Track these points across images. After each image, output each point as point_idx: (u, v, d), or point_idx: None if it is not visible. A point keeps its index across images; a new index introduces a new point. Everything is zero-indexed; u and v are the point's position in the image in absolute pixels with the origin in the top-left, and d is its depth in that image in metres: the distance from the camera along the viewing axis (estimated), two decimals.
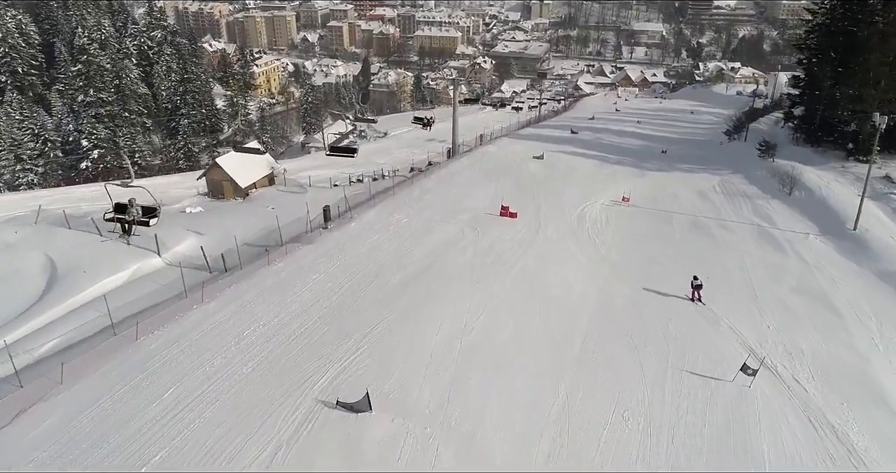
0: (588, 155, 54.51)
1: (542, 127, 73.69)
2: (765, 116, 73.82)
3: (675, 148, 59.67)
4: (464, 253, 27.80)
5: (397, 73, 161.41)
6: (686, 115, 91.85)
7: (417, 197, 37.46)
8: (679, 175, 48.34)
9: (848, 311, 24.74)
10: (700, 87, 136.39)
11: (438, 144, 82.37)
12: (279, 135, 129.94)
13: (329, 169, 72.07)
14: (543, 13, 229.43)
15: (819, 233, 33.80)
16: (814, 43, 55.86)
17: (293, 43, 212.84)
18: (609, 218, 35.22)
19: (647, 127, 75.49)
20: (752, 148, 53.48)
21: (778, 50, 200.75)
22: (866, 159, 45.50)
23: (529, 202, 36.91)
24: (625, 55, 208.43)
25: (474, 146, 57.79)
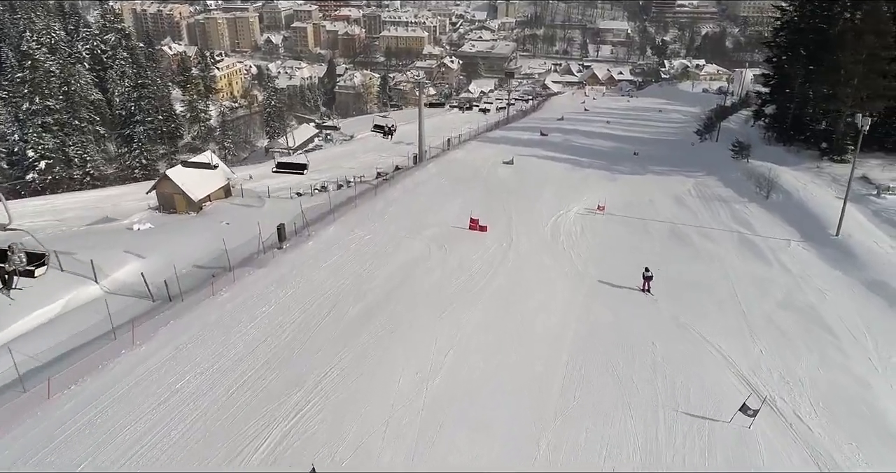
0: (559, 158, 52.59)
1: (510, 128, 71.67)
2: (734, 114, 73.04)
3: (646, 149, 58.16)
4: (430, 275, 25.45)
5: (363, 74, 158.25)
6: (655, 114, 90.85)
7: (381, 210, 34.96)
8: (653, 178, 46.69)
9: (840, 328, 23.06)
10: (666, 85, 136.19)
11: (406, 147, 79.74)
12: (242, 140, 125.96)
13: (292, 176, 69.13)
14: (510, 12, 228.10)
15: (801, 239, 32.28)
16: (783, 40, 54.83)
17: (256, 45, 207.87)
18: (584, 228, 33.21)
19: (616, 127, 74.03)
20: (725, 148, 52.17)
21: (740, 47, 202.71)
22: (841, 158, 44.58)
23: (500, 213, 34.71)
24: (591, 53, 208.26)
25: (442, 151, 55.45)
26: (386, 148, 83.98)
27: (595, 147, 59.08)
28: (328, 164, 76.20)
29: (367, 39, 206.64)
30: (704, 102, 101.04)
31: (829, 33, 49.11)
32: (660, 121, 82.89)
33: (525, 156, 52.06)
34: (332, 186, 59.69)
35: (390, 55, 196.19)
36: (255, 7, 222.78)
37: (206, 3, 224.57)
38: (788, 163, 45.04)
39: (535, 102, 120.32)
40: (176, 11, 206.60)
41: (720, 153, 51.45)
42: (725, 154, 50.02)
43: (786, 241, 32.14)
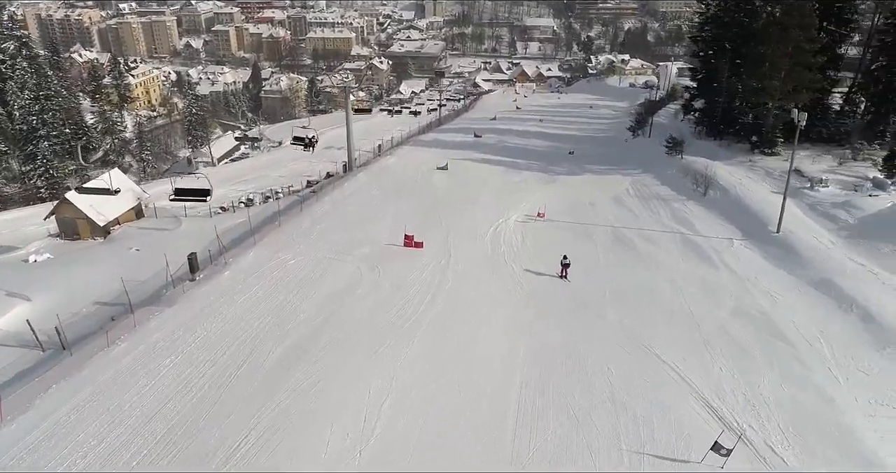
0: (495, 161, 50.80)
1: (443, 131, 69.56)
2: (662, 108, 73.45)
3: (581, 147, 57.21)
4: (362, 304, 22.89)
5: (290, 77, 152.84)
6: (586, 110, 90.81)
7: (307, 228, 32.05)
8: (590, 178, 45.53)
9: (795, 335, 21.97)
10: (594, 81, 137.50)
11: (336, 152, 76.63)
12: (162, 151, 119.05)
13: (217, 188, 64.60)
14: (437, 11, 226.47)
15: (742, 237, 31.48)
16: (708, 35, 54.83)
17: (176, 50, 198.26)
18: (525, 237, 31.35)
19: (549, 125, 73.10)
20: (658, 144, 51.70)
21: (661, 41, 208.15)
22: (772, 151, 44.59)
23: (436, 225, 32.42)
24: (520, 51, 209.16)
25: (373, 157, 52.76)
26: (316, 154, 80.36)
27: (530, 147, 57.69)
28: (255, 174, 72.47)
29: (292, 42, 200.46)
30: (632, 97, 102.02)
31: (752, 27, 49.31)
32: (591, 117, 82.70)
33: (460, 160, 50.02)
34: (258, 198, 56.13)
35: (318, 57, 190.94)
36: (172, 10, 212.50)
37: (119, 8, 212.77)
38: (721, 157, 44.72)
39: (466, 102, 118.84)
40: (85, 16, 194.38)
41: (654, 149, 50.91)
42: (659, 150, 49.46)
43: (728, 240, 31.26)
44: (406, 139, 62.91)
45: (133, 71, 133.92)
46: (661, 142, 51.41)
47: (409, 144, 59.05)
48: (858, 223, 30.92)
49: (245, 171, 78.38)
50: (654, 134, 57.14)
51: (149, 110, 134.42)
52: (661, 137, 55.21)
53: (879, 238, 29.05)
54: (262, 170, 73.20)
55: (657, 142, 53.04)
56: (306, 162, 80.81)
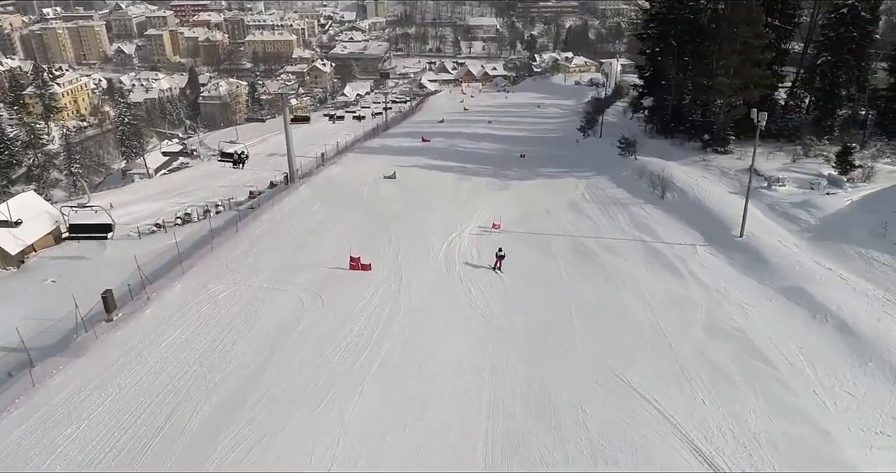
0: (444, 167, 48.51)
1: (389, 135, 66.85)
2: (610, 106, 72.68)
3: (532, 149, 55.51)
4: (303, 345, 20.16)
5: (229, 82, 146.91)
6: (533, 110, 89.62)
7: (244, 252, 28.99)
8: (543, 182, 43.76)
9: (775, 354, 20.40)
10: (540, 79, 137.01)
11: (280, 159, 72.96)
12: (94, 163, 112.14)
13: (154, 202, 60.56)
14: (379, 12, 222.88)
15: (705, 242, 30.09)
16: (654, 32, 53.92)
17: (107, 56, 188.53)
18: (481, 252, 29.09)
19: (498, 126, 71.34)
20: (610, 144, 50.47)
21: (602, 38, 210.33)
22: (724, 150, 43.74)
23: (386, 243, 29.89)
24: (464, 50, 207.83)
25: (316, 167, 49.68)
26: (260, 161, 76.47)
27: (480, 151, 55.65)
28: (196, 185, 68.37)
29: (231, 45, 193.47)
30: (578, 95, 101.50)
31: (697, 24, 48.58)
32: (539, 116, 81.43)
33: (408, 168, 47.56)
34: (196, 213, 52.36)
35: (258, 61, 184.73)
36: (101, 15, 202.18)
37: (43, 13, 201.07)
38: (674, 156, 43.68)
39: (413, 104, 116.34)
40: (6, 22, 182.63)
41: (606, 149, 49.60)
42: (611, 150, 48.17)
43: (691, 247, 29.82)
44: (351, 145, 59.99)
45: (58, 79, 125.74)
46: (613, 142, 50.20)
47: (354, 151, 56.16)
48: (820, 223, 29.94)
49: (185, 183, 73.98)
50: (604, 133, 55.96)
51: (78, 120, 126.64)
52: (612, 137, 54.07)
53: (843, 239, 28.04)
54: (202, 181, 68.98)
55: (609, 141, 51.82)
56: (250, 171, 77.06)
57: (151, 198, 64.02)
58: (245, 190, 62.78)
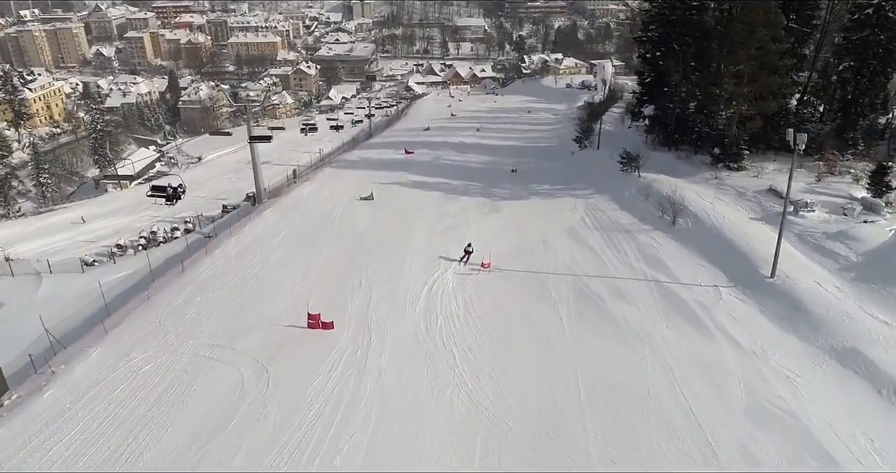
0: (429, 184, 43.69)
1: (371, 146, 61.81)
2: (605, 113, 68.00)
3: (524, 161, 50.76)
4: (236, 452, 15.29)
5: (210, 86, 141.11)
6: (524, 115, 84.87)
7: (184, 302, 24.03)
8: (538, 203, 39.07)
9: (838, 447, 16.02)
10: (529, 81, 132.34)
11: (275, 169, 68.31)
12: (67, 172, 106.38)
13: (125, 215, 55.61)
14: (365, 13, 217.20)
15: (730, 283, 25.51)
16: (654, 35, 49.32)
17: (86, 59, 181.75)
18: (468, 302, 24.29)
19: (487, 134, 66.57)
20: (608, 156, 45.87)
21: (591, 39, 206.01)
22: (738, 166, 39.20)
23: (355, 288, 25.05)
24: (452, 52, 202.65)
25: (287, 184, 44.77)
26: (240, 169, 71.50)
27: (468, 164, 50.82)
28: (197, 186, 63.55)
29: (214, 47, 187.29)
30: (570, 98, 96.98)
31: (703, 25, 44.10)
32: (530, 123, 76.68)
33: (388, 186, 42.72)
34: (164, 231, 47.62)
35: (241, 63, 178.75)
36: (80, 17, 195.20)
37: (20, 15, 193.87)
38: (682, 173, 39.10)
39: (399, 108, 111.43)
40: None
41: (605, 163, 44.96)
42: (611, 165, 43.55)
43: (714, 289, 25.23)
44: (329, 157, 55.08)
45: (30, 84, 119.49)
46: (612, 155, 45.62)
47: (331, 165, 51.19)
48: (863, 260, 25.45)
49: None
50: (602, 143, 51.20)
51: (51, 127, 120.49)
52: (610, 148, 49.48)
53: (892, 280, 23.58)
54: None
55: (607, 154, 47.20)
56: (229, 179, 72.20)
57: (123, 210, 59.14)
58: (219, 203, 58.20)
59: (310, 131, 62.35)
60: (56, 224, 53.89)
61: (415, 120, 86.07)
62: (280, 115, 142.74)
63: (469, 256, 27.76)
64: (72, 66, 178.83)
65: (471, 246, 27.94)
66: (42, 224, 53.57)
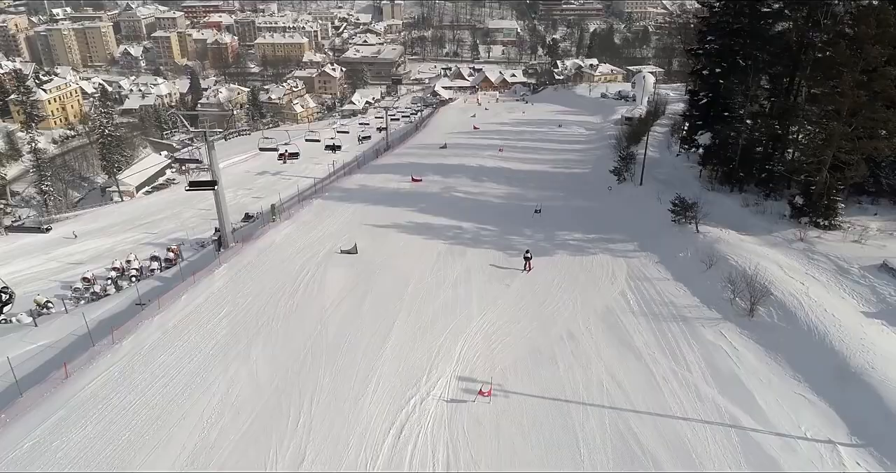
0: (432, 228, 35.17)
1: (376, 169, 53.29)
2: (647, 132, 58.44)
3: (550, 197, 41.87)
4: None
5: (229, 89, 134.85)
6: (553, 131, 75.59)
7: (29, 452, 15.94)
8: (564, 263, 30.14)
9: None
10: (562, 89, 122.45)
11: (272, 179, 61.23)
12: (76, 178, 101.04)
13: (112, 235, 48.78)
14: (395, 14, 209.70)
15: (852, 438, 16.65)
16: (713, 47, 39.99)
17: (113, 58, 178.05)
18: (452, 463, 15.73)
19: (511, 154, 57.66)
20: (654, 196, 36.82)
21: (628, 43, 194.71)
22: (829, 224, 29.83)
23: (282, 441, 16.60)
24: (482, 54, 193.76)
25: (262, 225, 36.74)
26: (248, 182, 64.40)
27: (484, 198, 42.06)
28: (166, 213, 57.96)
29: (240, 48, 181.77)
30: (606, 110, 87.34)
31: (779, 39, 34.74)
32: (560, 140, 67.41)
33: (381, 230, 34.41)
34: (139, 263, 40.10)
35: (267, 64, 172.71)
36: (110, 15, 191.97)
37: (53, 13, 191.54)
38: (753, 228, 29.85)
39: (423, 114, 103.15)
40: (11, 23, 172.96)
41: (650, 205, 35.87)
42: (658, 208, 34.52)
43: (829, 448, 16.25)
44: (323, 183, 46.99)
45: (45, 84, 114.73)
46: (659, 193, 36.68)
47: (324, 195, 42.97)
48: None
49: (157, 208, 62.76)
50: (646, 176, 41.82)
51: (66, 128, 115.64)
52: (656, 183, 40.33)
53: None
54: (175, 207, 58.54)
55: (653, 191, 38.08)
56: (231, 193, 64.84)
57: (113, 228, 52.28)
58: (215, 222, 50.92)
59: (289, 158, 49.40)
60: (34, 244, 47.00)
61: (434, 133, 77.46)
62: (301, 120, 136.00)
63: (530, 263, 28.42)
64: (99, 64, 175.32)
65: (529, 253, 28.99)
66: (25, 242, 46.68)
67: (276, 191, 49.39)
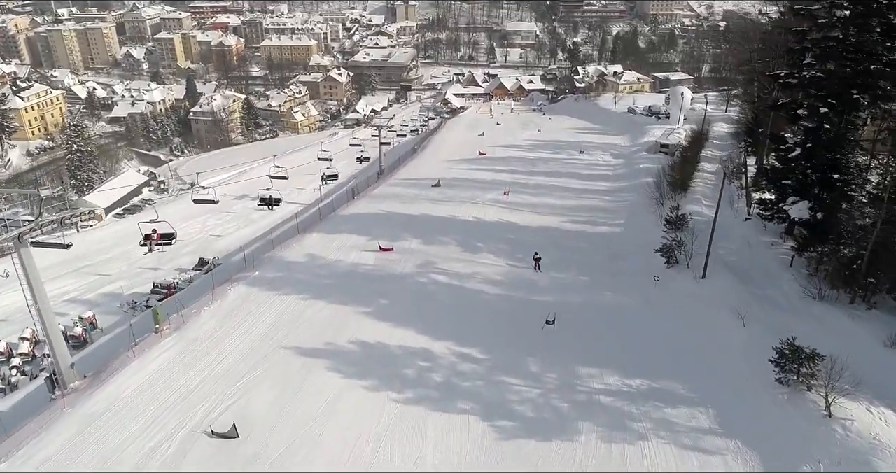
0: (384, 360, 22.19)
1: (342, 222, 39.14)
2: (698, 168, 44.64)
3: (569, 283, 28.69)
4: None
5: (225, 95, 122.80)
6: (574, 157, 61.89)
7: None
8: (591, 451, 17.04)
9: None
10: (583, 100, 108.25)
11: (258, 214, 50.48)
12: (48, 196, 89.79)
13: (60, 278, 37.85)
14: (409, 15, 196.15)
15: None
16: (816, 76, 26.44)
17: (115, 60, 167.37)
18: None
19: (519, 199, 44.12)
20: (727, 306, 23.49)
21: (653, 47, 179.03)
22: None
23: None
24: (499, 58, 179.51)
25: (132, 340, 24.00)
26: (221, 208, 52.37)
27: (474, 287, 28.69)
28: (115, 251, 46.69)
29: (245, 50, 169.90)
30: (635, 130, 73.31)
31: None
32: (582, 174, 53.72)
33: (306, 358, 21.58)
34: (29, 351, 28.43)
35: (272, 68, 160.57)
36: (115, 16, 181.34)
37: (58, 13, 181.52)
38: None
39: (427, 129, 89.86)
40: (11, 24, 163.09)
41: (726, 328, 22.51)
42: (739, 334, 21.25)
43: None
44: (271, 245, 34.15)
45: (24, 91, 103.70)
46: (737, 303, 23.35)
47: (252, 273, 30.00)
48: None
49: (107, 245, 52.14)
50: (712, 260, 27.82)
51: (46, 139, 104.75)
52: (725, 273, 26.93)
53: None
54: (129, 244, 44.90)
55: (725, 296, 24.67)
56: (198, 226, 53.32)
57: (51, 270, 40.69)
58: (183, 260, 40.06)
59: (273, 204, 37.91)
60: None
61: (432, 158, 64.20)
62: (301, 130, 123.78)
63: (539, 264, 28.92)
64: (100, 67, 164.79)
65: (538, 254, 29.58)
66: None
67: None
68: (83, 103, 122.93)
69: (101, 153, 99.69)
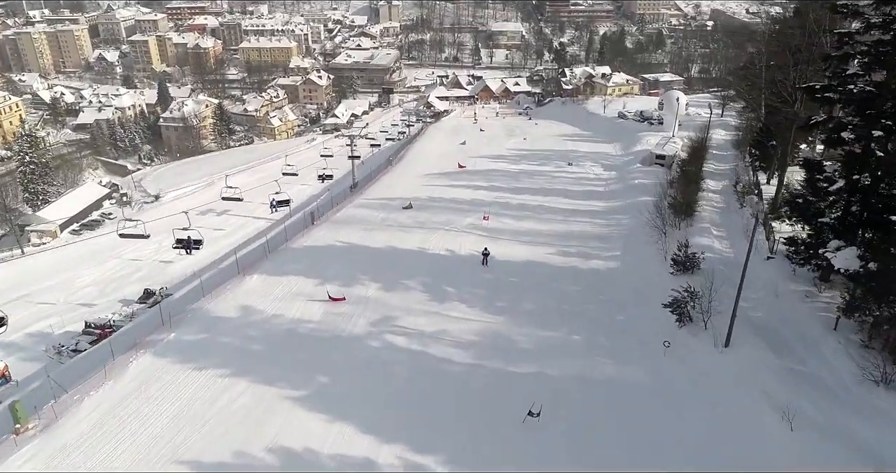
0: None
1: (291, 258, 33.07)
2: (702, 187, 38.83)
3: (557, 346, 22.88)
4: None
5: (197, 101, 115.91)
6: (561, 169, 56.11)
7: None
8: None
9: None
10: (571, 103, 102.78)
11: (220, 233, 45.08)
12: None
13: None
14: (393, 16, 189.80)
15: None
16: (866, 91, 20.64)
17: (88, 63, 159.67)
18: None
19: (500, 225, 38.24)
20: (759, 391, 17.76)
21: (641, 48, 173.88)
22: None
23: None
24: (484, 59, 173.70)
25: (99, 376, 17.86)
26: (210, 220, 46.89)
27: (439, 353, 22.69)
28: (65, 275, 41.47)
29: (223, 53, 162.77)
30: (626, 138, 67.69)
31: None
32: (571, 191, 47.84)
33: None
34: None
35: (251, 71, 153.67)
36: (88, 18, 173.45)
37: (29, 15, 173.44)
38: None
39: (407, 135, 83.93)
40: None
41: (762, 425, 16.69)
42: (780, 437, 15.40)
43: None
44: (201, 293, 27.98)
45: None
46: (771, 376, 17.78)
47: (167, 336, 23.89)
48: None
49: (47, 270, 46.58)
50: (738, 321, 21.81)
51: (3, 148, 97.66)
52: (753, 338, 21.18)
53: None
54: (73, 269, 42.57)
55: (758, 375, 18.89)
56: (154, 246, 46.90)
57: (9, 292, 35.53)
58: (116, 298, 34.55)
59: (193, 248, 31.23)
60: None
61: (408, 171, 58.18)
62: (278, 135, 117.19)
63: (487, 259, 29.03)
64: (72, 71, 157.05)
65: (487, 250, 29.70)
66: None
67: None
68: (48, 109, 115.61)
69: (63, 163, 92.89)
